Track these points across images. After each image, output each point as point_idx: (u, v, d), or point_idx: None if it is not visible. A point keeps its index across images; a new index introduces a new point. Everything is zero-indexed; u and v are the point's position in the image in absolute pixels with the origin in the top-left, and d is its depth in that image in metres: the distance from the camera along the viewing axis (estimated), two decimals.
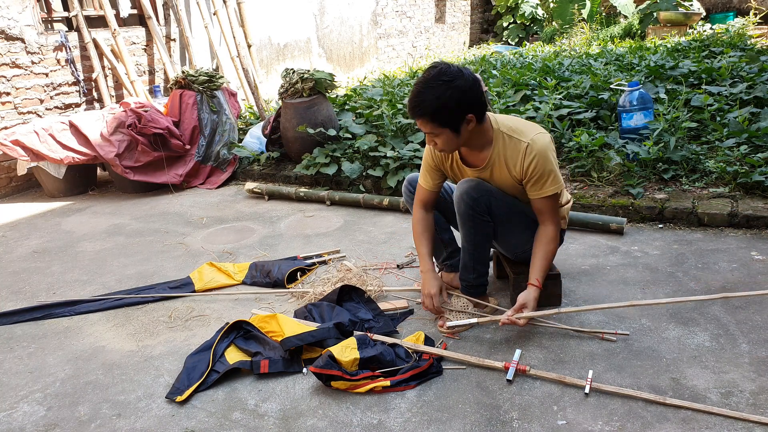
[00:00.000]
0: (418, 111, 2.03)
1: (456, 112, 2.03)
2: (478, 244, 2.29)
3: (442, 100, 1.99)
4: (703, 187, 3.45)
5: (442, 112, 2.01)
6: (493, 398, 1.95)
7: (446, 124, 2.04)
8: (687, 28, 9.28)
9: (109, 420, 2.00)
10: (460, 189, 2.21)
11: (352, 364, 2.07)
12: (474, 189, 2.19)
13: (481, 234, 2.26)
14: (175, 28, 6.37)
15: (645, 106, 3.93)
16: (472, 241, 2.29)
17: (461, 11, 12.72)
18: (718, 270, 2.70)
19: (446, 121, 2.04)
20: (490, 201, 2.21)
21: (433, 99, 1.99)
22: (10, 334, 2.65)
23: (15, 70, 4.95)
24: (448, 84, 1.99)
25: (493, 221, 2.25)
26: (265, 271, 2.97)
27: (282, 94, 4.89)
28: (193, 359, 2.25)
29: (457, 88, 1.99)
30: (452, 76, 2.00)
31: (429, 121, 2.05)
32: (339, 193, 4.14)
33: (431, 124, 2.05)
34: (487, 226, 2.25)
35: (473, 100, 2.04)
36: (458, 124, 2.05)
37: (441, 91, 1.99)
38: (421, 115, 2.04)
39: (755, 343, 2.13)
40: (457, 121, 2.05)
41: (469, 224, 2.24)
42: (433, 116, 2.03)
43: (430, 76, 2.02)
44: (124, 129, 4.66)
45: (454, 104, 2.00)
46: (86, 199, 4.82)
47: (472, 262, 2.34)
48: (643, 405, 1.86)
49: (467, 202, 2.19)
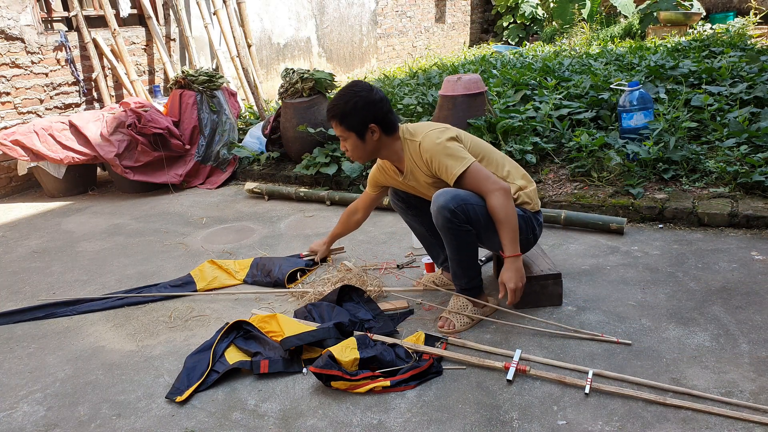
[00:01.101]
0: (330, 113, 2.31)
1: (360, 119, 2.28)
2: (462, 253, 2.32)
3: (348, 106, 2.27)
4: (703, 187, 3.45)
5: (348, 117, 2.28)
6: (493, 398, 1.95)
7: (351, 128, 2.30)
8: (687, 28, 9.27)
9: (109, 420, 2.00)
10: (437, 203, 2.23)
11: (352, 364, 2.07)
12: (450, 201, 2.20)
13: (464, 243, 2.28)
14: (175, 28, 6.37)
15: (645, 106, 3.93)
16: (457, 251, 2.30)
17: (461, 11, 12.72)
18: (718, 270, 2.70)
19: (352, 126, 2.29)
20: (467, 209, 2.21)
21: (342, 104, 2.28)
22: (10, 334, 2.65)
23: (15, 70, 4.95)
24: (356, 93, 2.28)
25: (474, 228, 2.26)
26: (266, 270, 2.96)
27: (282, 94, 4.89)
28: (193, 359, 2.25)
29: (362, 98, 2.28)
30: (361, 88, 2.30)
31: (339, 124, 2.31)
32: (339, 193, 4.14)
33: (340, 127, 2.31)
34: (468, 234, 2.26)
35: (377, 112, 2.29)
36: (363, 132, 2.30)
37: (349, 98, 2.28)
38: (332, 117, 2.31)
39: (755, 343, 2.13)
40: (361, 129, 2.29)
41: (450, 236, 2.26)
42: (341, 119, 2.29)
43: (344, 88, 2.34)
44: (124, 129, 4.67)
45: (358, 111, 2.27)
46: (86, 199, 4.82)
47: (461, 269, 2.36)
48: (643, 405, 1.86)
49: (445, 215, 2.20)
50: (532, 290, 2.47)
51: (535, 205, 2.43)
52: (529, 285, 2.46)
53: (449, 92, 4.18)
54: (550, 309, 2.47)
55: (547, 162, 4.08)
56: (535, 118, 4.39)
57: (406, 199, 2.58)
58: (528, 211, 2.41)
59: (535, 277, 2.45)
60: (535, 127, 4.29)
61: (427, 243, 2.70)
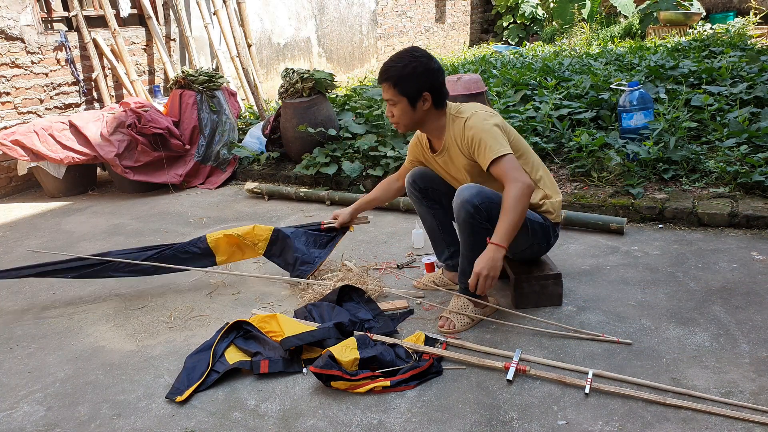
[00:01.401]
0: (385, 75, 2.24)
1: (415, 85, 2.22)
2: (477, 250, 2.27)
3: (407, 70, 2.21)
4: (703, 187, 3.45)
5: (404, 81, 2.22)
6: (493, 398, 1.95)
7: (405, 93, 2.24)
8: (687, 28, 9.27)
9: (109, 420, 2.00)
10: (461, 197, 2.21)
11: (352, 364, 2.07)
12: (476, 196, 2.18)
13: (480, 241, 2.25)
14: (175, 28, 6.37)
15: (645, 106, 3.93)
16: (471, 248, 2.28)
17: (461, 11, 12.72)
18: (718, 270, 2.70)
19: (405, 91, 2.23)
20: (491, 207, 2.20)
21: (400, 67, 2.22)
22: (10, 334, 2.65)
23: (15, 70, 4.95)
24: (416, 58, 2.23)
25: (493, 227, 2.25)
26: (285, 257, 2.88)
27: (282, 94, 4.89)
28: (193, 359, 2.25)
29: (422, 65, 2.22)
30: (421, 54, 2.25)
31: (392, 87, 2.24)
32: (339, 193, 4.14)
33: (393, 89, 2.24)
34: (486, 232, 2.24)
35: (433, 81, 2.25)
36: (415, 98, 2.25)
37: (408, 61, 2.22)
38: (386, 79, 2.25)
39: (755, 343, 2.13)
40: (415, 95, 2.24)
41: (468, 231, 2.24)
42: (396, 82, 2.23)
43: (403, 51, 2.28)
44: (124, 129, 4.67)
45: (415, 77, 2.22)
46: (86, 199, 4.82)
47: (471, 267, 2.33)
48: (643, 405, 1.86)
49: (468, 210, 2.19)
50: (532, 290, 2.47)
51: (557, 217, 2.43)
52: (529, 285, 2.46)
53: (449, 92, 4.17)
54: (550, 309, 2.47)
55: (547, 162, 4.08)
56: (535, 118, 4.39)
57: (424, 190, 2.56)
58: (548, 220, 2.41)
59: (535, 277, 2.45)
60: (535, 127, 4.29)
61: (433, 237, 2.69)
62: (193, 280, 3.07)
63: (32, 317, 2.80)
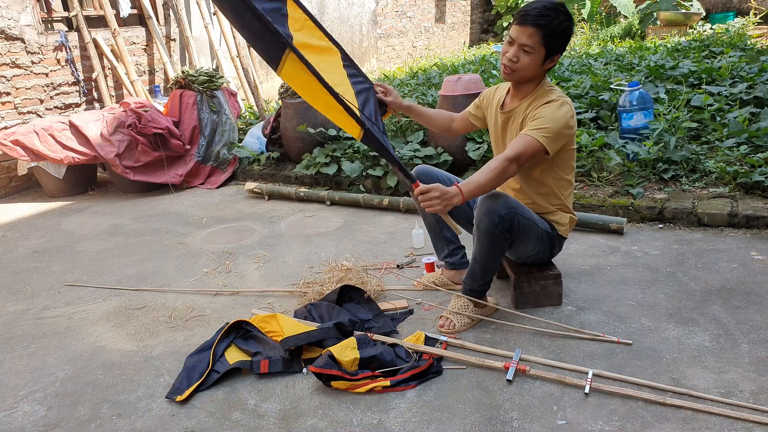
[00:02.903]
0: (536, 21, 2.10)
1: (559, 43, 2.16)
2: (491, 258, 2.26)
3: (562, 26, 2.13)
4: (703, 187, 3.45)
5: (553, 35, 2.13)
6: (493, 398, 1.95)
7: (547, 46, 2.14)
8: (687, 28, 9.27)
9: (109, 420, 2.00)
10: (486, 205, 2.17)
11: (352, 364, 2.07)
12: (502, 206, 2.16)
13: (498, 249, 2.24)
14: (175, 28, 6.37)
15: (645, 106, 3.93)
16: (487, 256, 2.25)
17: (461, 11, 12.72)
18: (718, 270, 2.70)
19: (549, 45, 2.14)
20: (514, 219, 2.19)
21: (558, 22, 2.11)
22: (11, 334, 2.65)
23: (15, 70, 4.95)
24: (568, 17, 2.15)
25: (511, 237, 2.24)
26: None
27: (282, 93, 4.89)
28: (193, 359, 2.25)
29: (571, 26, 2.16)
30: (568, 14, 2.16)
31: (539, 35, 2.11)
32: (339, 193, 4.14)
33: (537, 38, 2.12)
34: (505, 242, 2.23)
35: (566, 46, 2.21)
36: (550, 56, 2.18)
37: (563, 18, 2.12)
38: (537, 25, 2.10)
39: (755, 343, 2.13)
40: (553, 52, 2.17)
41: (487, 239, 2.21)
42: (546, 31, 2.11)
43: (557, 3, 2.14)
44: (124, 129, 4.67)
45: (564, 36, 2.15)
46: (86, 199, 4.82)
47: (482, 272, 2.31)
48: (643, 405, 1.86)
49: (492, 219, 2.15)
50: (532, 290, 2.47)
51: (565, 231, 2.42)
52: (529, 285, 2.46)
53: (449, 92, 4.18)
54: (550, 309, 2.47)
55: None
56: None
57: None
58: (555, 230, 2.41)
59: (535, 277, 2.45)
60: None
61: (434, 234, 2.68)
62: (194, 280, 3.08)
63: (32, 317, 2.80)
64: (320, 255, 3.26)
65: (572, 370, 2.04)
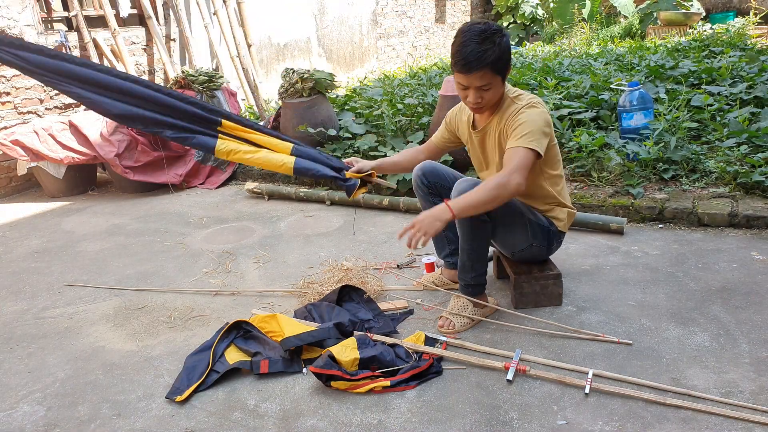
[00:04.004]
0: (481, 62, 2.06)
1: (508, 62, 2.13)
2: (475, 243, 2.29)
3: (502, 48, 2.07)
4: (703, 187, 3.45)
5: (501, 61, 2.09)
6: (493, 398, 1.95)
7: (500, 72, 2.12)
8: (687, 28, 9.27)
9: (109, 420, 2.00)
10: (457, 189, 2.21)
11: (352, 364, 2.07)
12: (472, 188, 2.19)
13: (478, 234, 2.26)
14: (175, 28, 6.37)
15: (645, 106, 3.93)
16: (470, 241, 2.28)
17: (461, 11, 12.72)
18: (718, 270, 2.70)
19: (501, 69, 2.11)
20: None
21: (495, 48, 2.05)
22: (10, 334, 2.65)
23: (15, 70, 4.94)
24: (501, 34, 2.08)
25: (491, 220, 2.25)
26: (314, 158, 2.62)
27: (282, 94, 4.89)
28: (192, 359, 2.25)
29: (507, 38, 2.11)
30: (498, 28, 2.09)
31: (489, 71, 2.08)
32: (339, 193, 4.14)
33: (490, 74, 2.09)
34: (484, 225, 2.24)
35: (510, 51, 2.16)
36: (506, 74, 2.16)
37: (498, 40, 2.07)
38: (483, 65, 2.06)
39: (755, 343, 2.13)
40: (506, 71, 2.15)
41: (467, 225, 2.24)
42: (494, 65, 2.08)
43: (480, 30, 2.06)
44: (124, 129, 4.66)
45: (508, 53, 2.12)
46: (86, 199, 4.82)
47: (470, 261, 2.34)
48: (643, 405, 1.86)
49: None
50: (532, 290, 2.47)
51: (564, 226, 2.42)
52: (529, 285, 2.46)
53: (449, 92, 4.18)
54: (550, 309, 2.47)
55: None
56: None
57: (432, 186, 2.50)
58: (554, 226, 2.41)
59: (535, 277, 2.45)
60: None
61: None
62: (193, 280, 3.08)
63: (32, 317, 2.80)
64: (320, 255, 3.26)
65: (572, 370, 2.04)
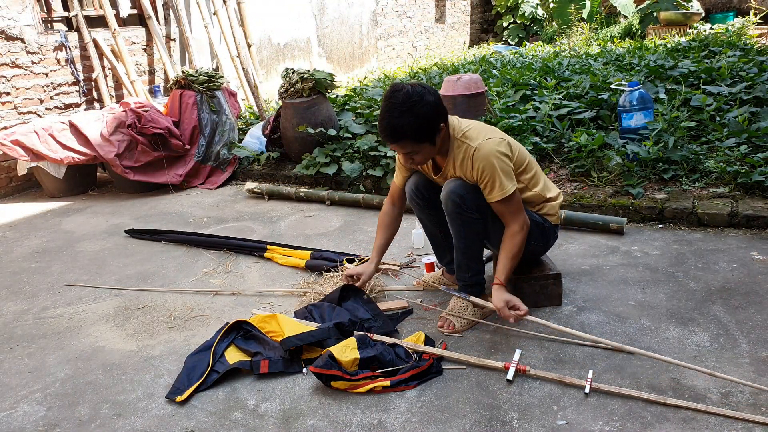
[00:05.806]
0: (399, 135, 2.08)
1: (433, 126, 2.11)
2: (469, 241, 2.30)
3: (421, 119, 2.06)
4: (703, 187, 3.45)
5: (423, 131, 2.08)
6: (493, 398, 1.95)
7: (426, 139, 2.12)
8: (687, 28, 9.27)
9: (109, 420, 2.00)
10: (447, 188, 2.22)
11: (352, 364, 2.07)
12: (460, 187, 2.20)
13: (471, 231, 2.27)
14: (175, 28, 6.37)
15: (645, 106, 3.93)
16: (464, 240, 2.30)
17: (461, 11, 12.72)
18: (718, 270, 2.70)
19: (426, 137, 2.11)
20: (478, 197, 2.21)
21: (413, 120, 2.05)
22: (11, 334, 2.65)
23: (15, 70, 4.95)
24: (421, 102, 2.05)
25: (483, 218, 2.26)
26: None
27: (282, 94, 4.89)
28: (193, 359, 2.25)
29: (429, 104, 2.07)
30: (420, 94, 2.06)
31: (410, 142, 2.11)
32: (339, 193, 4.14)
33: (412, 144, 2.12)
34: (476, 222, 2.25)
35: (441, 109, 2.13)
36: (434, 136, 2.14)
37: (417, 110, 2.05)
38: (402, 138, 2.09)
39: (755, 343, 2.13)
40: (433, 135, 2.13)
41: (458, 222, 2.25)
42: (415, 137, 2.09)
43: (400, 101, 2.06)
44: (124, 129, 4.67)
45: (432, 119, 2.09)
46: (86, 199, 4.82)
47: (466, 260, 2.35)
48: (643, 405, 1.86)
49: (454, 200, 2.20)
50: (532, 290, 2.47)
51: (556, 219, 2.44)
52: (529, 285, 2.46)
53: (449, 92, 4.18)
54: (550, 309, 2.47)
55: (546, 162, 4.08)
56: (534, 118, 4.39)
57: (428, 199, 2.45)
58: (549, 221, 2.41)
59: (535, 277, 2.45)
60: (534, 127, 4.29)
61: (435, 242, 2.68)
62: (193, 280, 3.08)
63: (32, 317, 2.80)
64: None
65: (572, 370, 2.04)
